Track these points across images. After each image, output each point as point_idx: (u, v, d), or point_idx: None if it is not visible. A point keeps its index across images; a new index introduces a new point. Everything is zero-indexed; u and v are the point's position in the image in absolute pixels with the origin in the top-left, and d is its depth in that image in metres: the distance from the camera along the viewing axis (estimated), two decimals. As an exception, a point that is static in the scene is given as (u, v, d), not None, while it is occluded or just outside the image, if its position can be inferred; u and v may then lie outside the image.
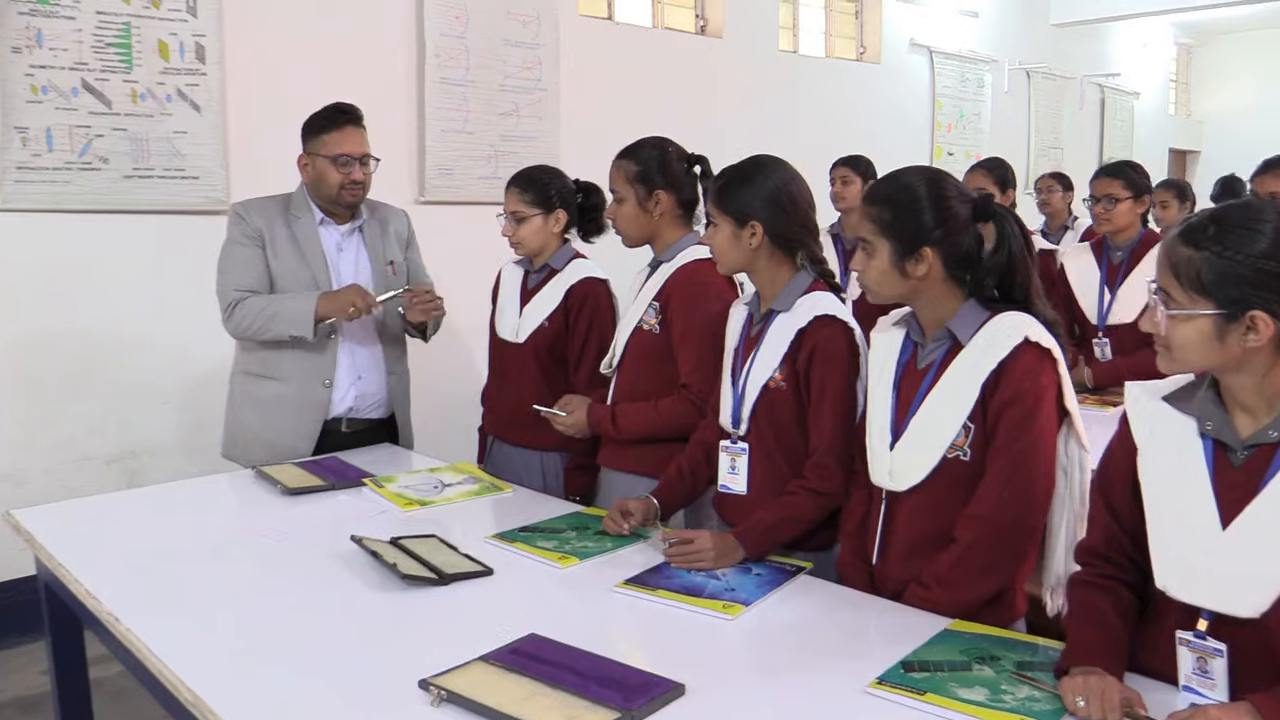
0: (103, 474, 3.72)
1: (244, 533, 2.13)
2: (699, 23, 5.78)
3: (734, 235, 2.02)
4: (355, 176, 2.68)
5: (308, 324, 2.59)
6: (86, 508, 2.34)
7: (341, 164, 2.66)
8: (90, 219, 3.58)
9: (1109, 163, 3.59)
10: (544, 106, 4.84)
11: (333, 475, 2.45)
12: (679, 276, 2.31)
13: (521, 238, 2.66)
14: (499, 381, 2.81)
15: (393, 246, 2.88)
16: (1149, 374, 1.50)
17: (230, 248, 2.71)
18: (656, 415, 2.29)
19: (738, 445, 2.07)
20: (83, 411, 3.64)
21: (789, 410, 1.99)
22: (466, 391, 4.52)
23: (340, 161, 2.65)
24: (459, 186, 4.55)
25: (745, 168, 2.03)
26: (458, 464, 2.61)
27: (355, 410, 2.78)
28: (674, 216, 2.37)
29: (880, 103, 6.87)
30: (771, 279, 2.05)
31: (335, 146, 2.66)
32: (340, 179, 2.66)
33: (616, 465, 2.42)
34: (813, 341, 1.95)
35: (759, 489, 2.04)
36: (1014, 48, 8.15)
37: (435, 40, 4.41)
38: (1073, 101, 8.97)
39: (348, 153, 2.66)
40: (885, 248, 1.71)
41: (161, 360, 3.76)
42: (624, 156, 2.38)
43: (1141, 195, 3.37)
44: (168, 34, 3.68)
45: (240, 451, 2.77)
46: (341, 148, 2.66)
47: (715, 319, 2.23)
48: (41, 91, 3.43)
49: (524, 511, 2.25)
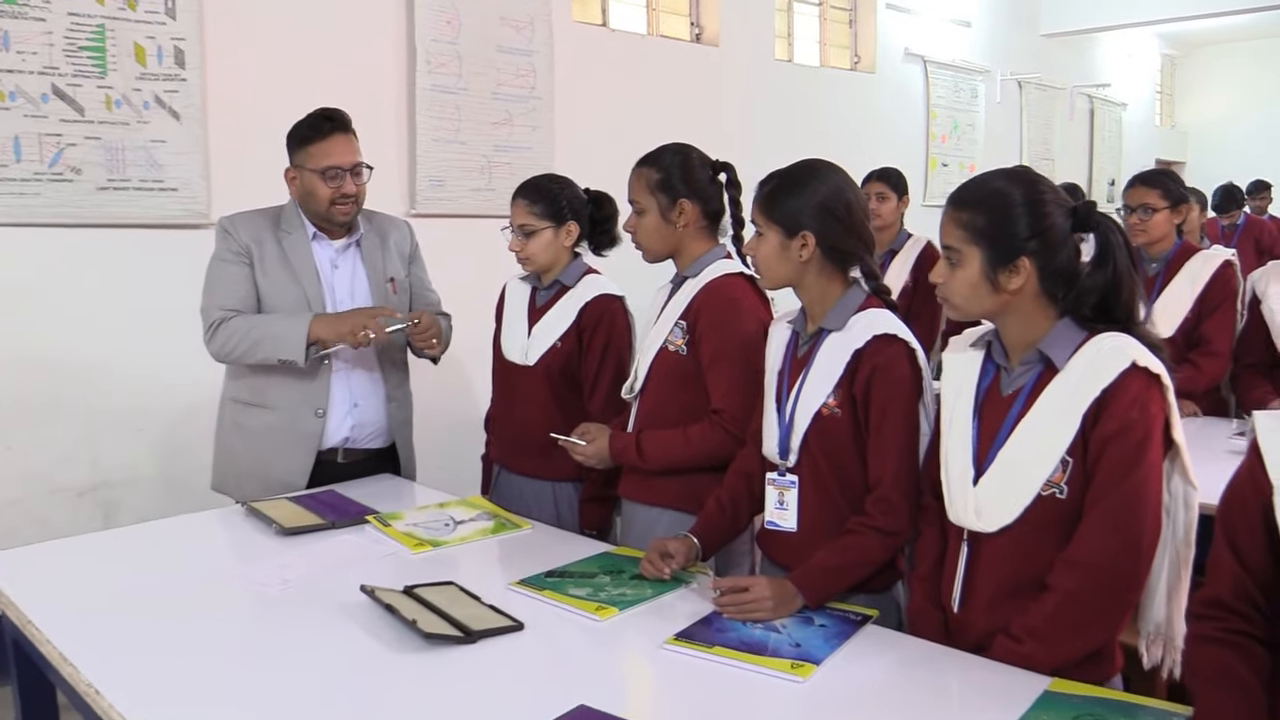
0: (74, 506, 3.47)
1: (237, 580, 1.91)
2: (694, 30, 5.62)
3: (782, 246, 1.84)
4: (346, 189, 2.46)
5: (299, 348, 2.37)
6: (58, 550, 2.11)
7: (330, 177, 2.44)
8: (61, 233, 3.34)
9: (1145, 171, 3.43)
10: (538, 115, 4.65)
11: (332, 512, 2.24)
12: (708, 293, 2.12)
13: (531, 253, 2.47)
14: (506, 406, 2.60)
15: (393, 261, 2.66)
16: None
17: (216, 265, 2.50)
18: (686, 444, 2.10)
19: (786, 478, 1.88)
20: (52, 439, 3.40)
21: (845, 439, 1.81)
22: (465, 415, 4.32)
23: (329, 175, 2.43)
24: (451, 198, 4.34)
25: (796, 172, 1.85)
26: (469, 498, 2.40)
27: (352, 440, 2.56)
28: (699, 228, 2.18)
29: (875, 112, 6.74)
30: (822, 295, 1.86)
31: (323, 158, 2.44)
32: (330, 193, 2.44)
33: (640, 497, 2.22)
34: (872, 363, 1.76)
35: (811, 525, 1.85)
36: (1006, 58, 8.06)
37: (426, 46, 4.22)
38: (1063, 112, 8.89)
39: (337, 164, 2.44)
40: (976, 257, 1.54)
41: (137, 385, 3.52)
42: (644, 164, 2.19)
43: (1178, 205, 3.22)
44: (144, 37, 3.46)
45: (233, 485, 2.55)
46: (330, 159, 2.44)
47: (749, 339, 2.05)
48: (9, 98, 3.19)
49: (547, 552, 2.04)
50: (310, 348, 2.38)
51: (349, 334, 2.35)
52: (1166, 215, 3.20)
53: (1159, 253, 3.24)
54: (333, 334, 2.37)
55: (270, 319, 2.43)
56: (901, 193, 4.08)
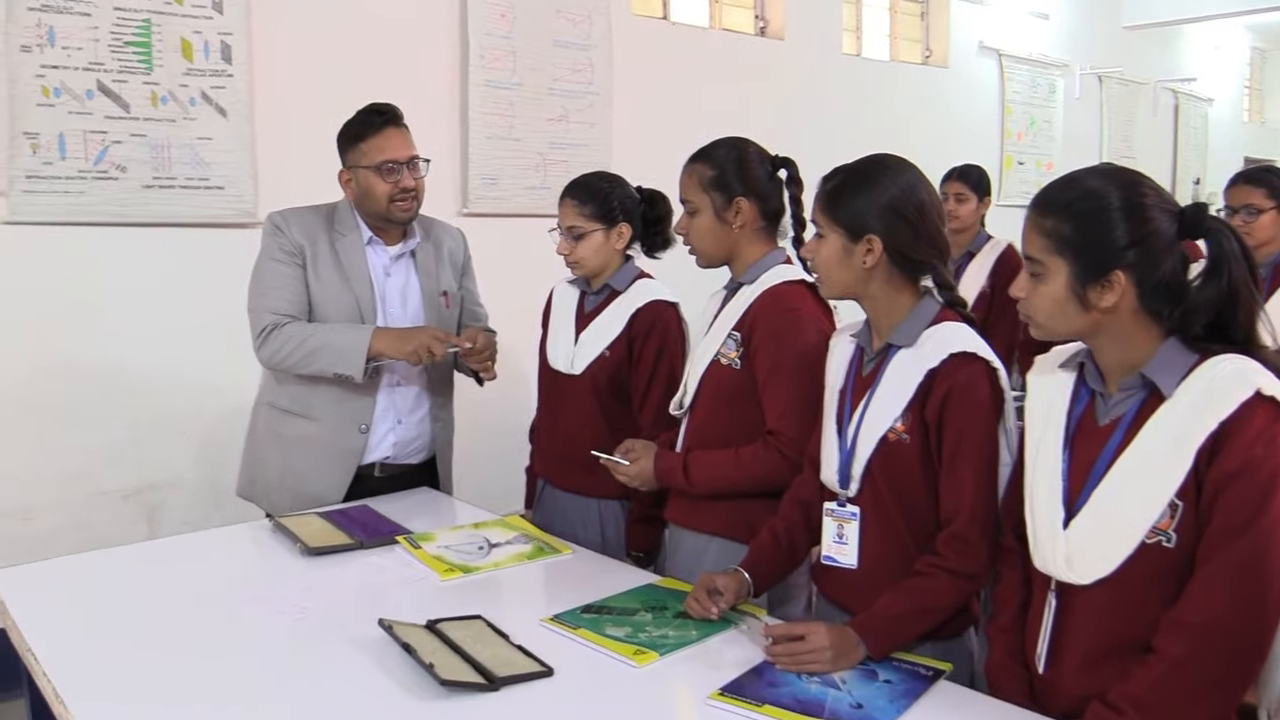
0: (119, 509, 3.41)
1: (253, 604, 1.78)
2: (759, 24, 5.42)
3: (844, 251, 1.65)
4: (405, 184, 2.32)
5: (358, 362, 2.24)
6: (72, 567, 2.00)
7: (387, 172, 2.30)
8: (106, 232, 3.27)
9: (1248, 168, 3.16)
10: (595, 112, 4.50)
11: (362, 531, 2.11)
12: (765, 302, 1.93)
13: (580, 256, 2.31)
14: (551, 417, 2.45)
15: (446, 273, 2.53)
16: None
17: (266, 264, 2.35)
18: (738, 466, 1.92)
19: (847, 509, 1.69)
20: (97, 442, 3.34)
21: (914, 468, 1.62)
22: (509, 422, 4.16)
23: (385, 169, 2.30)
24: (504, 198, 4.21)
25: (864, 168, 1.66)
26: (507, 518, 2.25)
27: (392, 457, 2.43)
28: (756, 229, 2.00)
29: (947, 109, 6.46)
30: (889, 306, 1.68)
31: (377, 153, 2.31)
32: (388, 189, 2.31)
33: (686, 523, 2.05)
34: (948, 384, 1.57)
35: (873, 562, 1.67)
36: (1086, 51, 7.71)
37: (480, 40, 4.09)
38: (1146, 108, 8.49)
39: (392, 158, 2.31)
40: (1062, 270, 1.34)
41: (182, 386, 3.45)
42: (697, 160, 2.01)
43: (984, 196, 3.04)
44: (191, 32, 3.38)
45: (260, 493, 2.43)
46: (384, 153, 2.31)
47: (809, 353, 1.86)
48: (54, 94, 3.14)
49: (586, 582, 1.89)
50: (369, 363, 2.26)
51: (411, 354, 2.23)
52: (1274, 216, 2.94)
53: (1265, 257, 2.97)
54: (395, 351, 2.25)
55: (329, 329, 2.29)
56: (983, 194, 3.80)
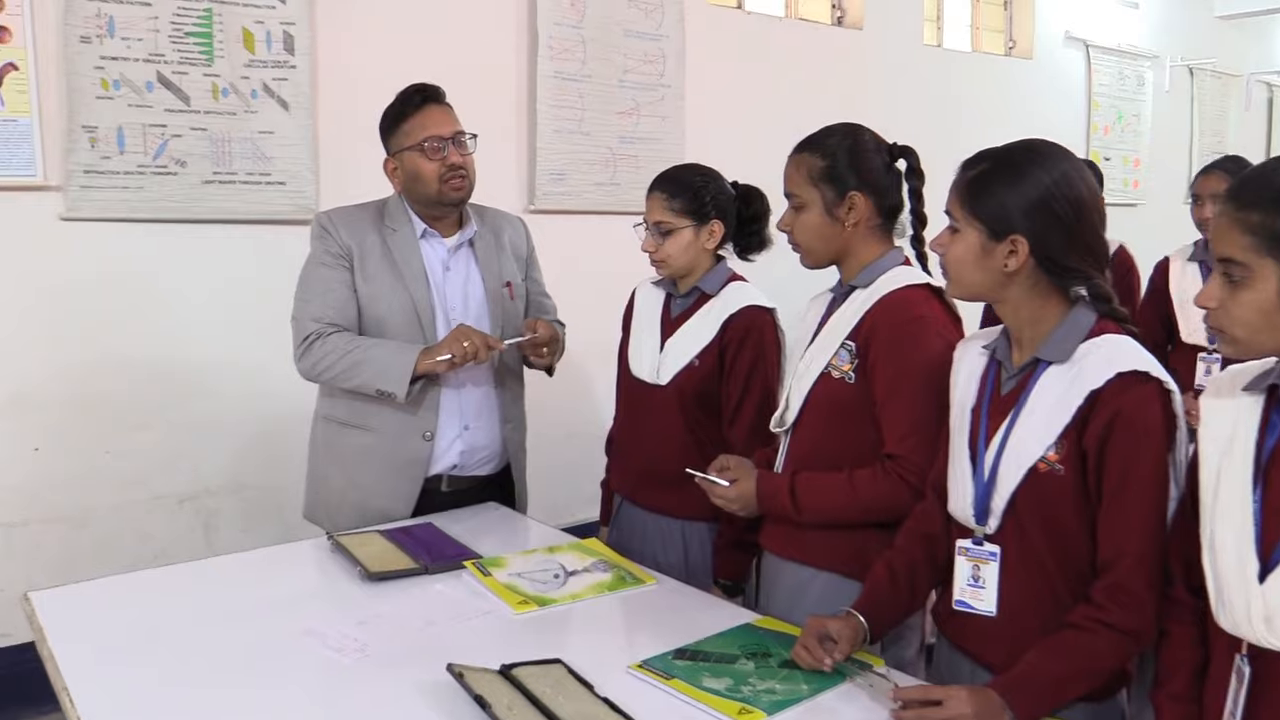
0: (174, 515, 3.30)
1: (307, 639, 1.61)
2: (835, 13, 5.19)
3: (982, 250, 1.44)
4: (452, 159, 2.16)
5: (402, 380, 2.08)
6: (117, 588, 1.85)
7: (432, 150, 2.15)
8: (165, 229, 3.16)
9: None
10: (667, 105, 4.30)
11: (427, 554, 1.93)
12: (885, 309, 1.72)
13: (667, 254, 2.11)
14: (632, 430, 2.26)
15: (509, 263, 2.36)
16: None
17: (312, 268, 2.22)
18: (852, 493, 1.70)
19: (984, 547, 1.48)
20: (154, 444, 3.22)
21: (1068, 504, 1.39)
22: (576, 428, 4.00)
23: (430, 147, 2.15)
24: (573, 194, 4.03)
25: (1013, 155, 1.45)
26: (584, 541, 2.06)
27: (460, 467, 2.26)
28: (871, 227, 1.79)
29: (1031, 102, 6.14)
30: (1033, 315, 1.46)
31: (419, 130, 2.16)
32: (436, 168, 2.16)
33: (787, 553, 1.84)
34: (1114, 408, 1.35)
35: (1014, 610, 1.45)
36: (1176, 42, 7.33)
37: (549, 30, 3.91)
38: (1239, 101, 8.07)
39: (436, 134, 2.16)
40: (1272, 274, 1.12)
41: (242, 387, 3.32)
42: (805, 149, 1.80)
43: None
44: (253, 22, 3.25)
45: (324, 515, 2.27)
46: (426, 130, 2.16)
47: (935, 368, 1.64)
48: (113, 86, 3.02)
49: (675, 618, 1.69)
50: (414, 384, 2.10)
51: (461, 353, 2.06)
52: None
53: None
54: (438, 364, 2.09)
55: (374, 342, 2.14)
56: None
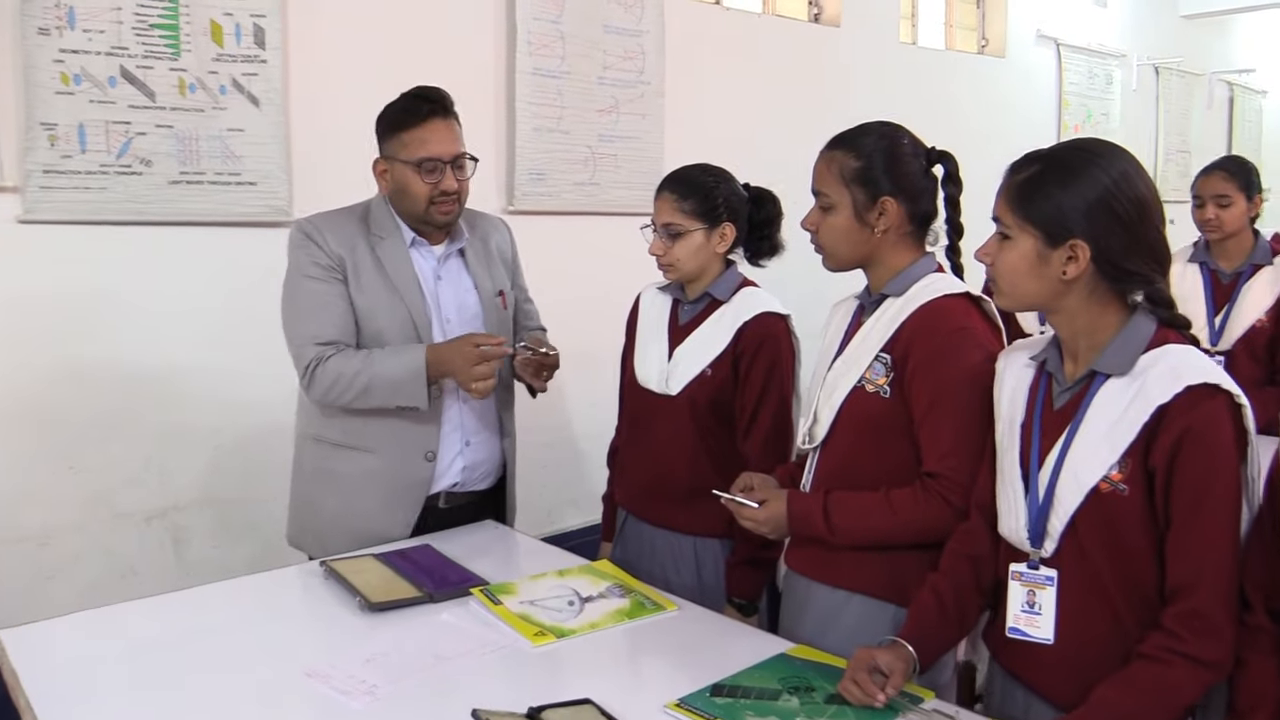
0: (142, 533, 3.13)
1: (309, 682, 1.48)
2: (813, 10, 5.12)
3: (1039, 257, 1.36)
4: (446, 185, 2.03)
5: (419, 391, 1.96)
6: (90, 625, 1.69)
7: (427, 171, 2.01)
8: (129, 231, 2.99)
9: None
10: (647, 102, 4.19)
11: (429, 580, 1.81)
12: (923, 319, 1.63)
13: (676, 258, 2.01)
14: (639, 442, 2.15)
15: (499, 271, 2.25)
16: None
17: (301, 284, 2.04)
18: (891, 514, 1.61)
19: (1041, 572, 1.39)
20: (119, 459, 3.05)
21: (1134, 525, 1.31)
22: (555, 433, 3.90)
23: (426, 168, 2.01)
24: (552, 194, 3.91)
25: (1066, 155, 1.36)
26: (595, 563, 1.95)
27: (461, 484, 2.14)
28: (903, 234, 1.70)
29: (1003, 100, 6.13)
30: (1091, 325, 1.38)
31: (418, 147, 2.01)
32: (427, 190, 2.02)
33: (819, 575, 1.73)
34: (1183, 424, 1.27)
35: (1075, 637, 1.37)
36: (1143, 41, 7.38)
37: (528, 25, 3.79)
38: (1201, 100, 8.15)
39: (434, 155, 2.01)
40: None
41: (211, 399, 3.16)
42: (839, 146, 1.70)
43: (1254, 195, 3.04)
44: (221, 14, 3.09)
45: (313, 541, 2.13)
46: (426, 148, 2.01)
47: (978, 381, 1.56)
48: (73, 81, 2.85)
49: (702, 649, 1.59)
50: (430, 386, 1.98)
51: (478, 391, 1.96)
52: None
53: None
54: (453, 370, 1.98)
55: (377, 359, 1.99)
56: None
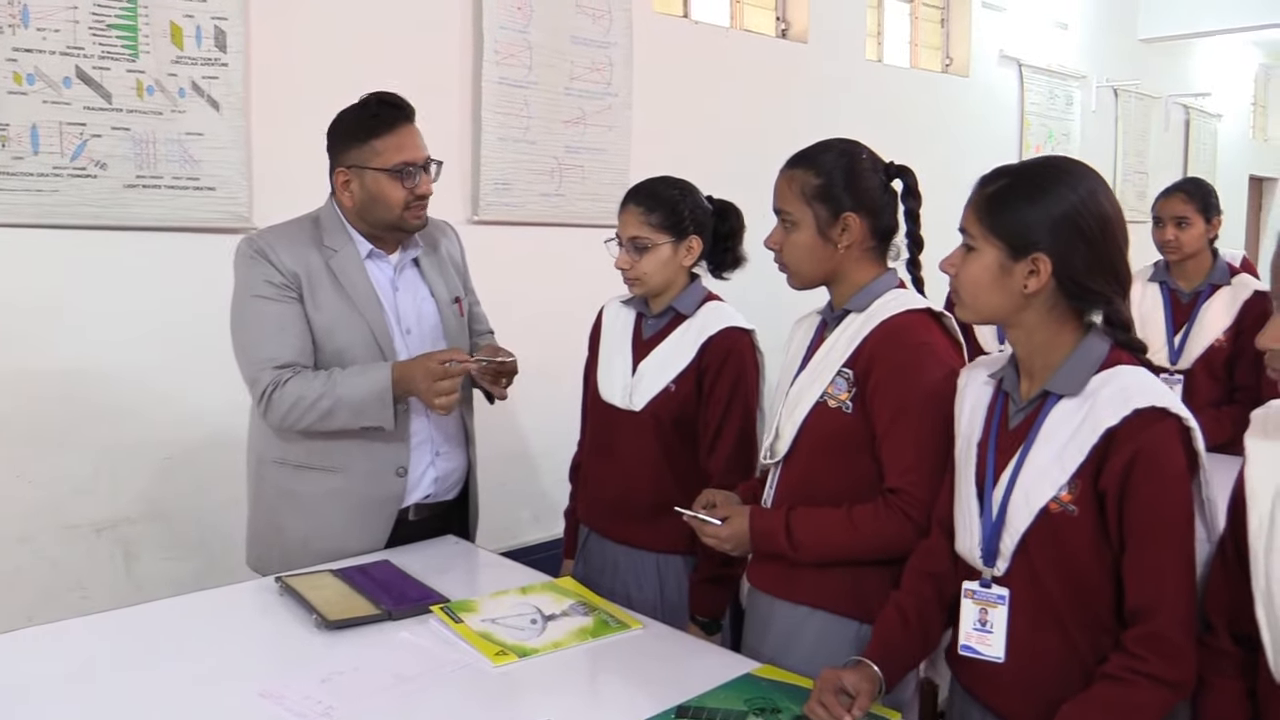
0: (91, 545, 3.05)
1: (264, 705, 1.44)
2: (780, 25, 5.14)
3: (1001, 269, 1.36)
4: (424, 190, 2.00)
5: (386, 411, 1.91)
6: (36, 642, 1.64)
7: (406, 176, 1.98)
8: (83, 235, 2.92)
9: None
10: (614, 114, 4.18)
11: (388, 597, 1.77)
12: (884, 335, 1.63)
13: (642, 272, 2.00)
14: (602, 458, 2.13)
15: (453, 278, 2.22)
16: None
17: (253, 305, 1.97)
18: (852, 530, 1.60)
19: (993, 590, 1.39)
20: (67, 469, 2.97)
21: (1083, 546, 1.31)
22: (529, 457, 3.87)
23: (405, 173, 1.98)
24: (518, 204, 3.88)
25: (1035, 171, 1.37)
26: (557, 580, 1.92)
27: (433, 495, 2.11)
28: (864, 250, 1.70)
29: (967, 119, 6.20)
30: (1046, 342, 1.38)
31: (395, 153, 1.98)
32: (404, 196, 1.98)
33: (780, 591, 1.72)
34: (1132, 448, 1.27)
35: (1025, 656, 1.37)
36: (1102, 63, 7.50)
37: (494, 34, 3.77)
38: (1159, 122, 8.30)
39: (411, 160, 1.98)
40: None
41: (165, 407, 3.09)
42: (799, 164, 1.70)
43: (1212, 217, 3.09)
44: (181, 16, 3.04)
45: (278, 564, 2.03)
46: (403, 154, 1.98)
47: (939, 397, 1.56)
48: (26, 81, 2.78)
49: (669, 669, 1.57)
50: (397, 404, 1.94)
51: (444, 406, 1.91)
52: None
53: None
54: (417, 390, 1.93)
55: (340, 381, 1.93)
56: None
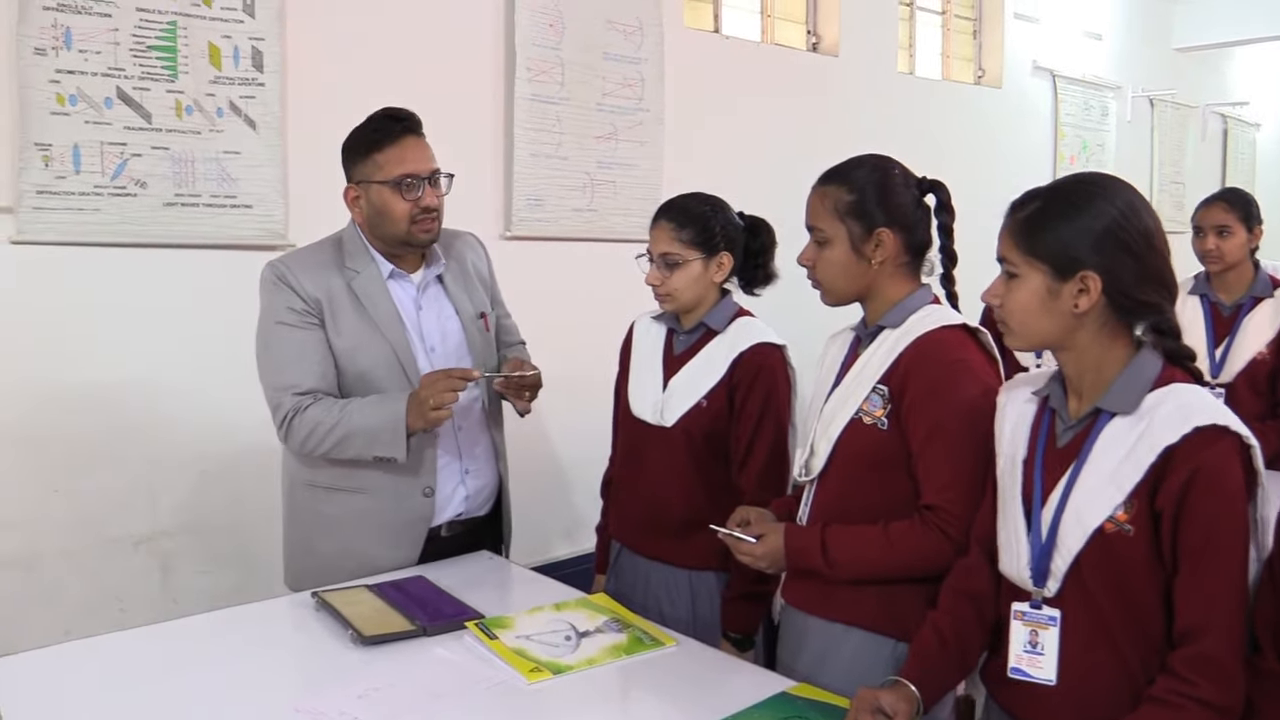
0: (129, 558, 3.09)
1: (297, 718, 1.45)
2: (810, 39, 5.14)
3: (1048, 293, 1.34)
4: (427, 202, 2.00)
5: (399, 441, 1.93)
6: (73, 656, 1.67)
7: (407, 188, 1.99)
8: (123, 253, 2.97)
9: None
10: (646, 129, 4.19)
11: (423, 613, 1.78)
12: (920, 351, 1.61)
13: (673, 288, 2.00)
14: (633, 474, 2.13)
15: (478, 292, 2.22)
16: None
17: (276, 331, 2.00)
18: (889, 548, 1.59)
19: (1044, 612, 1.37)
20: (107, 483, 3.01)
21: (1140, 567, 1.29)
22: (560, 472, 3.88)
23: (406, 185, 1.99)
24: (550, 220, 3.90)
25: (1069, 189, 1.36)
26: (591, 597, 1.92)
27: (465, 513, 2.12)
28: (898, 265, 1.69)
29: (1000, 131, 6.16)
30: (1099, 361, 1.36)
31: (396, 165, 1.99)
32: (408, 209, 1.99)
33: (816, 609, 1.71)
34: (1191, 466, 1.25)
35: (1078, 679, 1.35)
36: (1137, 73, 7.42)
37: (527, 51, 3.79)
38: (1195, 132, 8.20)
39: (412, 172, 1.99)
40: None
41: (202, 422, 3.13)
42: (832, 181, 1.70)
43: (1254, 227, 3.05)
44: (220, 36, 3.09)
45: (313, 585, 2.02)
46: (404, 166, 1.99)
47: (977, 414, 1.54)
48: (69, 101, 2.84)
49: (704, 687, 1.56)
50: (410, 437, 1.94)
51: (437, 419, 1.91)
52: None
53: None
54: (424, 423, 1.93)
55: (354, 410, 1.95)
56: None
